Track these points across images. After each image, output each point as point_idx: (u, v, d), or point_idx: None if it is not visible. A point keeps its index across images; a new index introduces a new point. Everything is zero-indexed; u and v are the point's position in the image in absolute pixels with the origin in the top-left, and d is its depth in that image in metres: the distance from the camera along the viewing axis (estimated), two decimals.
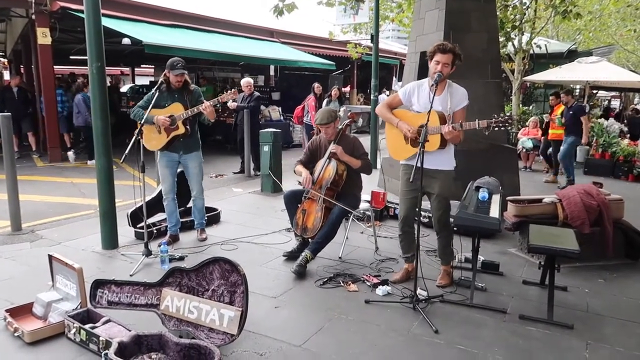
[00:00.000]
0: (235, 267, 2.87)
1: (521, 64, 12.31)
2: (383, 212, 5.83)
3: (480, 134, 5.82)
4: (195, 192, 4.91)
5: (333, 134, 4.42)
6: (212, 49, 10.88)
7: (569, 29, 19.86)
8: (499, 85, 6.60)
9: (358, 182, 4.56)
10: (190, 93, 4.65)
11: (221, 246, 4.79)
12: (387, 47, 22.34)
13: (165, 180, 4.79)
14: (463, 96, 3.67)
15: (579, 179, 8.98)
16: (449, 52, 3.52)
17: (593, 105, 13.71)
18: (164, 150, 4.70)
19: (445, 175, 3.74)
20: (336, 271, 4.15)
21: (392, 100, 3.89)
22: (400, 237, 3.99)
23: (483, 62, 6.24)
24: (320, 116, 4.41)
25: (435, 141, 3.58)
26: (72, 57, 17.33)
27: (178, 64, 4.51)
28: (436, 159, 3.67)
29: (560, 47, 14.65)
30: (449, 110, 3.59)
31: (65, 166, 9.53)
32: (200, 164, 4.84)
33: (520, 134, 10.66)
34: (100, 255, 4.50)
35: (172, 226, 4.91)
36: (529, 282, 4.05)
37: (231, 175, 8.85)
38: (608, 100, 22.73)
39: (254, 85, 8.91)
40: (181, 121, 4.52)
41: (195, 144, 4.78)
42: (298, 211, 4.44)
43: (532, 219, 4.49)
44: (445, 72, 3.55)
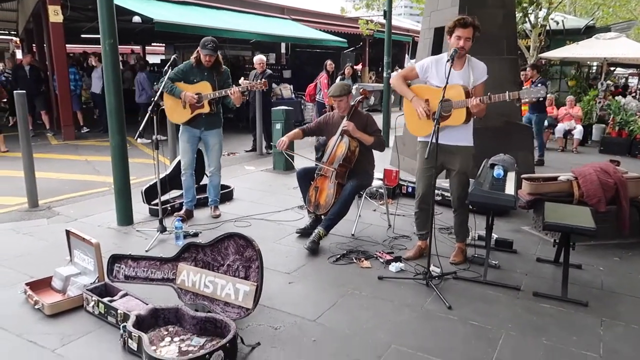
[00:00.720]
0: (250, 243, 2.89)
1: (537, 40, 12.06)
2: (396, 190, 5.81)
3: (496, 111, 5.76)
4: (213, 168, 4.95)
5: (346, 108, 4.39)
6: (223, 27, 10.80)
7: (587, 4, 19.34)
8: (515, 62, 6.48)
9: (370, 159, 4.54)
10: (220, 74, 4.70)
11: (234, 223, 4.82)
12: (399, 23, 21.99)
13: (185, 154, 4.84)
14: (483, 70, 3.65)
15: (595, 157, 8.87)
16: (469, 26, 3.47)
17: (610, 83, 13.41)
18: (186, 125, 4.74)
19: (465, 151, 3.72)
20: (349, 248, 4.17)
21: (408, 72, 3.85)
22: (416, 215, 3.98)
23: (499, 38, 6.12)
24: (333, 89, 4.41)
25: (460, 115, 3.55)
26: (83, 35, 17.33)
27: (209, 44, 4.54)
28: (457, 134, 3.64)
29: (578, 22, 14.29)
30: (471, 84, 3.56)
31: (80, 144, 9.61)
32: (221, 142, 4.91)
33: None
34: (116, 232, 4.56)
35: (188, 201, 4.97)
36: (543, 259, 4.03)
37: (243, 153, 8.87)
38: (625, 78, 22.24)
39: (266, 63, 8.83)
40: (207, 100, 4.56)
41: (217, 121, 4.83)
42: (310, 188, 4.44)
43: (547, 196, 4.44)
44: (467, 47, 3.51)
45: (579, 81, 12.83)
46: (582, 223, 3.36)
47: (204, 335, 2.75)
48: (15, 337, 2.81)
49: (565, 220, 3.41)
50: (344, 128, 4.31)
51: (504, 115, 6.03)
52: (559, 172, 4.85)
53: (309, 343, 2.79)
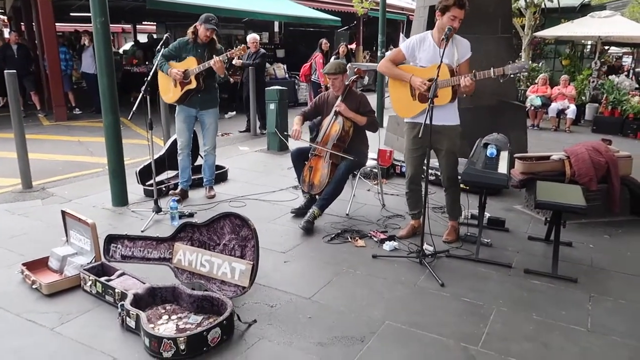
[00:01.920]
0: (245, 222, 2.92)
1: (532, 18, 11.99)
2: (389, 169, 5.84)
3: (489, 90, 5.77)
4: (208, 147, 4.95)
5: (340, 87, 4.38)
6: (215, 4, 10.65)
7: None
8: (510, 41, 6.47)
9: (364, 139, 4.55)
10: (213, 51, 4.66)
11: (229, 203, 4.84)
12: (393, 1, 21.69)
13: (181, 134, 4.85)
14: (467, 48, 3.63)
15: (588, 137, 8.92)
16: (464, 7, 3.46)
17: (604, 62, 13.40)
18: (181, 105, 4.74)
19: (452, 130, 3.73)
20: (343, 227, 4.21)
21: (395, 55, 3.80)
22: (407, 195, 4.02)
23: (494, 17, 6.08)
24: (329, 66, 4.41)
25: (446, 94, 3.55)
26: (72, 14, 17.01)
27: (212, 19, 4.56)
28: (443, 114, 3.64)
29: (573, 0, 14.19)
30: (455, 62, 3.55)
31: (72, 125, 9.53)
32: (216, 121, 4.92)
33: (529, 91, 10.49)
34: (111, 212, 4.57)
35: (183, 181, 4.99)
36: (534, 237, 4.10)
37: (237, 134, 8.84)
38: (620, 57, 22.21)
39: (259, 42, 8.74)
40: (194, 75, 4.53)
41: (212, 100, 4.82)
42: (305, 168, 4.46)
43: (540, 176, 4.49)
44: (458, 27, 3.48)
45: (573, 60, 12.81)
46: (573, 201, 3.41)
47: (201, 313, 2.80)
48: (14, 317, 2.85)
49: (557, 198, 3.46)
50: (336, 109, 4.31)
51: (497, 94, 6.03)
52: (552, 152, 4.88)
53: (305, 320, 2.84)
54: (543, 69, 12.81)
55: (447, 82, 3.50)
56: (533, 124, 9.87)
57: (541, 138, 8.62)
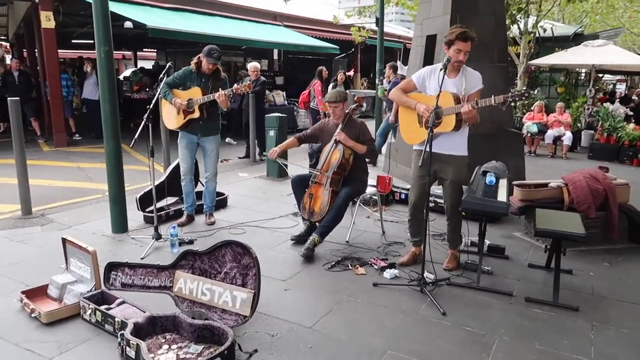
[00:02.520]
0: (247, 250, 2.92)
1: (527, 47, 12.23)
2: (389, 196, 5.87)
3: (487, 118, 5.84)
4: (209, 174, 4.99)
5: (341, 115, 4.45)
6: (215, 33, 10.81)
7: (575, 11, 19.58)
8: (506, 69, 6.57)
9: (364, 167, 4.59)
10: (218, 80, 4.77)
11: (229, 230, 4.85)
12: (390, 30, 22.13)
13: (184, 160, 4.91)
14: (478, 80, 3.72)
15: (584, 163, 9.00)
16: (469, 39, 3.55)
17: (599, 89, 13.61)
18: (184, 132, 4.83)
19: (458, 161, 3.77)
20: (344, 255, 4.20)
21: (406, 85, 3.92)
22: (410, 222, 4.03)
23: (490, 46, 6.21)
24: (330, 95, 4.50)
25: (450, 122, 3.62)
26: (74, 41, 17.26)
27: (214, 53, 4.64)
28: (450, 143, 3.70)
29: (567, 30, 14.49)
30: (463, 92, 3.63)
31: (72, 151, 9.57)
32: (217, 148, 4.98)
33: (525, 119, 10.63)
34: (111, 239, 4.57)
35: (188, 206, 5.04)
36: (534, 265, 4.10)
37: (237, 160, 8.89)
38: (613, 84, 22.56)
39: (259, 70, 8.88)
40: (197, 105, 4.62)
41: (214, 128, 4.90)
42: (305, 195, 4.48)
43: (538, 203, 4.52)
44: (464, 59, 3.61)
45: (568, 88, 13.02)
46: (573, 229, 3.43)
47: (201, 342, 2.78)
48: (13, 346, 2.82)
49: (556, 226, 3.48)
50: (336, 138, 4.36)
51: (495, 122, 6.11)
52: (549, 179, 4.93)
53: (306, 349, 2.82)
54: (538, 96, 13.00)
55: (451, 110, 3.58)
56: (530, 151, 9.98)
57: (538, 165, 8.69)
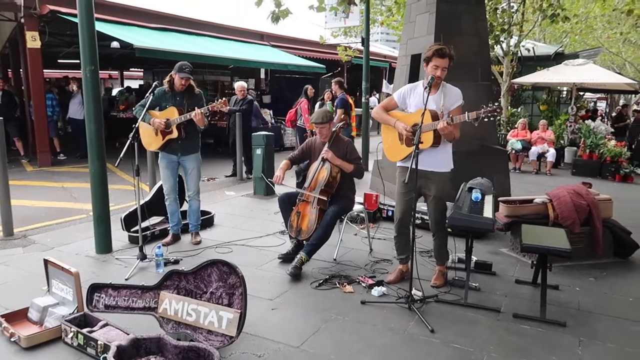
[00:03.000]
0: (233, 269, 2.89)
1: (509, 66, 12.47)
2: (376, 213, 5.87)
3: (471, 135, 5.91)
4: (192, 192, 4.94)
5: (327, 135, 4.47)
6: (202, 52, 10.88)
7: (555, 32, 20.11)
8: (489, 88, 6.69)
9: (352, 184, 4.59)
10: (192, 97, 4.72)
11: (216, 249, 4.80)
12: (376, 49, 22.42)
13: (166, 180, 4.86)
14: (457, 96, 3.74)
15: (568, 179, 9.12)
16: (446, 56, 3.60)
17: (580, 107, 13.89)
18: (163, 152, 4.78)
19: (441, 177, 3.79)
20: (331, 273, 4.18)
21: (387, 103, 3.96)
22: (396, 239, 4.03)
23: (473, 65, 6.33)
24: (316, 115, 4.49)
25: (428, 138, 3.65)
26: (60, 60, 17.22)
27: (186, 68, 4.60)
28: (432, 160, 3.72)
29: (548, 49, 14.84)
30: (441, 108, 3.66)
31: (56, 170, 9.45)
32: (198, 166, 4.90)
33: (510, 136, 10.79)
34: (95, 260, 4.49)
35: (174, 225, 4.98)
36: (521, 281, 4.11)
37: (223, 179, 8.85)
38: (594, 102, 23.07)
39: (246, 89, 8.91)
40: (175, 125, 4.57)
41: (193, 146, 4.83)
42: (292, 213, 4.46)
43: (524, 219, 4.56)
44: (442, 76, 3.63)
45: (550, 105, 13.27)
46: (558, 244, 3.45)
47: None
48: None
49: (542, 241, 3.50)
50: (324, 156, 4.37)
51: (479, 139, 6.18)
52: (534, 195, 4.98)
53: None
54: (522, 114, 13.23)
55: (429, 127, 3.61)
56: (515, 167, 10.10)
57: (523, 181, 8.79)
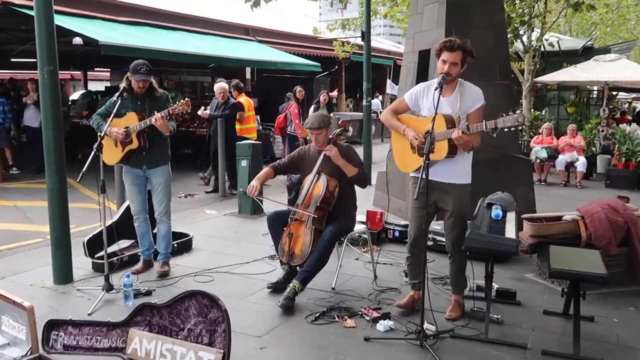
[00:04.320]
0: (215, 302, 2.87)
1: (531, 63, 12.58)
2: (381, 234, 5.86)
3: (489, 142, 5.93)
4: (159, 214, 4.88)
5: (324, 142, 4.46)
6: (178, 49, 10.91)
7: (583, 23, 20.39)
8: (509, 88, 6.74)
9: (352, 200, 4.60)
10: (154, 99, 4.68)
11: (194, 278, 4.78)
12: (379, 45, 22.65)
13: (133, 199, 4.82)
14: (477, 96, 3.73)
15: (601, 192, 9.16)
16: (457, 49, 3.58)
17: (613, 108, 14.00)
18: (127, 165, 4.74)
19: (459, 190, 3.79)
20: (329, 304, 4.16)
21: (397, 105, 3.98)
22: (409, 260, 4.03)
23: (490, 62, 6.37)
24: (312, 120, 4.49)
25: (441, 148, 3.62)
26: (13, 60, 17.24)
27: (142, 67, 4.54)
28: (449, 170, 3.71)
29: (575, 43, 15.01)
30: (458, 112, 3.65)
31: (8, 187, 9.41)
32: (167, 181, 4.86)
33: (533, 143, 10.83)
34: (52, 292, 4.46)
35: (144, 250, 4.95)
36: (550, 312, 4.10)
37: (203, 195, 8.84)
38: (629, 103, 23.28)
39: (228, 91, 8.94)
40: (135, 134, 4.53)
41: (161, 157, 4.78)
42: (283, 235, 4.45)
43: (552, 239, 4.55)
44: (454, 73, 3.61)
45: (579, 107, 13.35)
46: (592, 269, 3.45)
47: None
48: None
49: (573, 266, 3.50)
50: (326, 153, 4.35)
51: (499, 147, 6.19)
52: (563, 211, 4.99)
53: None
54: (547, 117, 13.31)
55: (442, 135, 3.59)
56: (540, 179, 10.14)
57: (550, 195, 8.82)
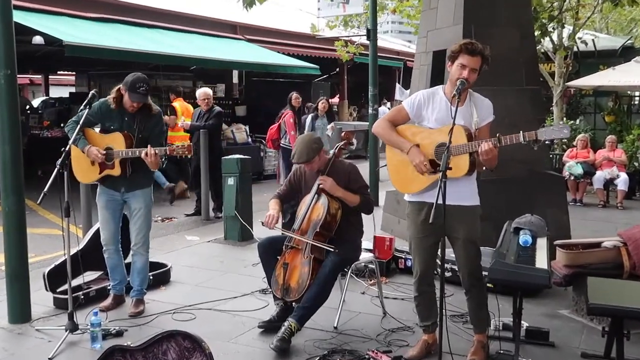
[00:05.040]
0: (198, 344, 2.87)
1: (563, 65, 12.68)
2: (390, 264, 5.86)
3: (515, 157, 5.97)
4: (136, 244, 4.86)
5: (321, 164, 4.47)
6: (155, 50, 11.00)
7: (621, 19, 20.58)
8: (537, 94, 6.79)
9: (357, 225, 4.61)
10: (147, 120, 4.67)
11: (173, 315, 4.77)
12: (387, 44, 22.88)
13: (105, 225, 4.81)
14: (489, 109, 3.80)
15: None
16: (478, 54, 3.62)
17: None
18: (103, 186, 4.75)
19: (469, 213, 3.79)
20: (331, 346, 4.16)
21: (395, 114, 3.93)
22: (417, 300, 4.02)
23: (515, 65, 6.43)
24: (298, 151, 4.41)
25: (461, 164, 3.60)
26: None
27: (141, 86, 4.47)
28: (456, 191, 3.64)
29: (612, 42, 15.15)
30: (474, 124, 3.68)
31: None
32: (149, 206, 4.85)
33: (567, 157, 10.87)
34: (7, 332, 4.45)
35: (115, 284, 4.93)
36: (589, 354, 4.08)
37: (183, 219, 8.85)
38: None
39: (213, 98, 9.00)
40: (119, 160, 4.53)
41: (143, 179, 4.77)
42: (277, 265, 4.45)
43: (589, 269, 4.56)
44: (472, 80, 3.64)
45: (619, 116, 13.41)
46: (637, 304, 3.45)
47: None
48: None
49: (615, 300, 3.51)
50: (320, 185, 4.38)
51: (526, 162, 6.23)
52: (602, 236, 5.00)
53: None
54: (582, 127, 13.37)
55: (463, 149, 3.59)
56: (574, 199, 10.16)
57: (586, 217, 8.83)
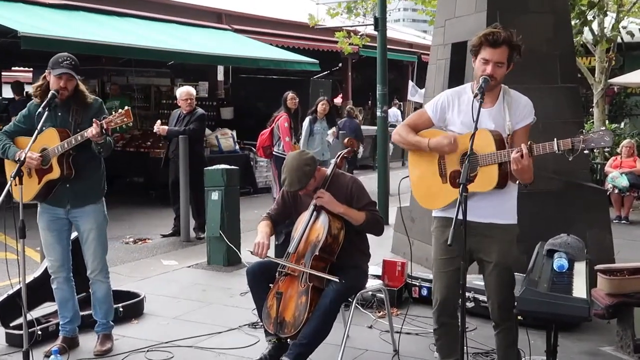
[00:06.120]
0: None
1: (605, 59, 12.70)
2: (402, 293, 5.85)
3: (549, 167, 5.97)
4: (92, 272, 4.79)
5: (319, 183, 4.46)
6: (126, 43, 11.04)
7: None
8: (575, 92, 6.78)
9: (363, 247, 4.61)
10: (84, 110, 4.63)
11: (147, 354, 4.78)
12: (398, 35, 22.92)
13: (50, 250, 4.74)
14: (527, 109, 3.75)
15: None
16: (502, 44, 3.60)
17: None
18: (43, 204, 4.68)
19: (505, 233, 3.78)
20: None
21: (416, 119, 3.95)
22: (436, 334, 4.00)
23: (549, 59, 6.43)
24: (287, 177, 4.37)
25: (490, 176, 3.60)
26: None
27: (65, 59, 4.50)
28: (490, 206, 3.68)
29: None
30: (507, 128, 3.66)
31: None
32: (101, 225, 4.78)
33: (609, 167, 10.87)
34: None
35: (65, 323, 4.86)
36: None
37: (159, 240, 8.85)
38: None
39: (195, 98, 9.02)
40: (56, 158, 4.47)
41: (90, 190, 4.70)
42: (270, 295, 4.44)
43: (637, 298, 4.56)
44: (498, 76, 3.63)
45: None
46: None
47: None
48: None
49: None
50: (318, 202, 4.38)
51: (562, 173, 6.22)
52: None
53: None
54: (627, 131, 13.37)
55: (492, 158, 3.58)
56: (619, 216, 10.17)
57: (633, 237, 8.83)
